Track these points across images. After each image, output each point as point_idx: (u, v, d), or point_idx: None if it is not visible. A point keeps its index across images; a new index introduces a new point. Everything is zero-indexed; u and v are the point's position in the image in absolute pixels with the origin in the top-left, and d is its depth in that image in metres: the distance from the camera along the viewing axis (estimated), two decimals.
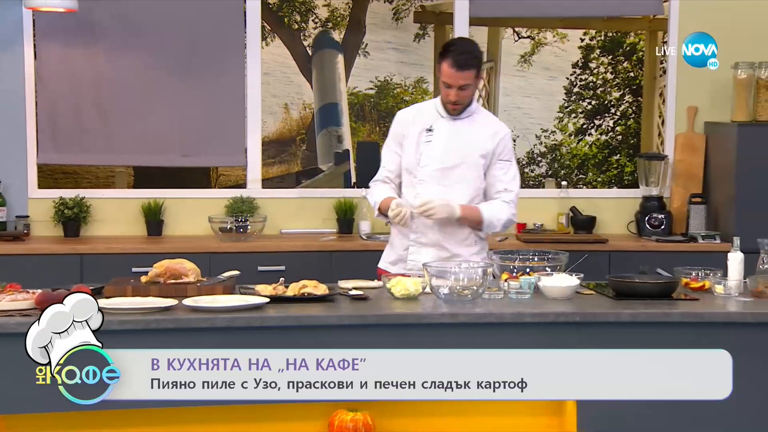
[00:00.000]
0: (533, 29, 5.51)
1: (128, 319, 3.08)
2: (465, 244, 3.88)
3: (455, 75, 3.71)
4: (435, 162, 3.82)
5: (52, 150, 5.30)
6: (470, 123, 3.86)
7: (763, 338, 3.26)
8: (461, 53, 3.72)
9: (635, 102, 5.58)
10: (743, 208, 5.05)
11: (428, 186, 3.82)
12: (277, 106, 5.44)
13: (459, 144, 3.83)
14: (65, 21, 5.20)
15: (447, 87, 3.76)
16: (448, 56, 3.72)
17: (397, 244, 3.93)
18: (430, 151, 3.82)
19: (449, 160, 3.82)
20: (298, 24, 5.44)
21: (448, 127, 3.84)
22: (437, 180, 3.82)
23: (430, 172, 3.83)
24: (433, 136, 3.83)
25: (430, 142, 3.82)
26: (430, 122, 3.85)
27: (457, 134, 3.83)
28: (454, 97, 3.76)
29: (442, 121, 3.85)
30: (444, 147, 3.82)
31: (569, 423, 3.30)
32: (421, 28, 5.47)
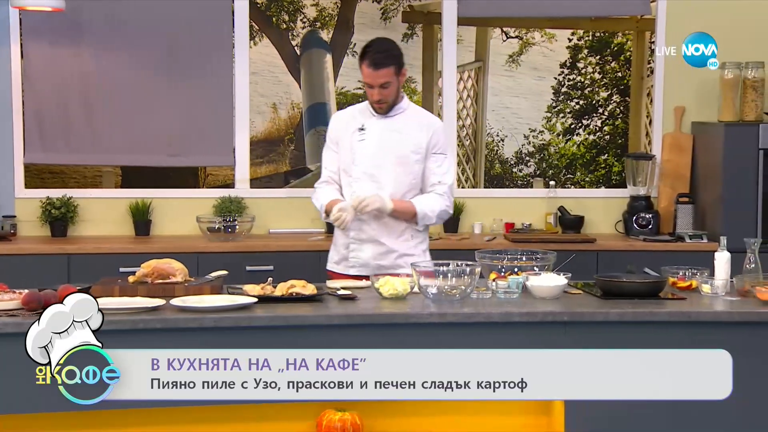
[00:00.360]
0: (521, 29, 5.52)
1: (116, 319, 3.07)
2: (402, 238, 3.92)
3: (373, 74, 3.79)
4: (367, 160, 3.88)
5: (39, 149, 5.28)
6: (401, 120, 3.91)
7: (749, 337, 3.27)
8: (377, 53, 3.80)
9: (623, 102, 5.59)
10: (730, 208, 5.07)
11: (362, 184, 3.88)
12: (265, 105, 5.43)
13: (391, 142, 3.89)
14: (52, 20, 5.18)
15: (369, 87, 3.83)
16: (366, 57, 3.81)
17: (340, 244, 3.99)
18: (362, 149, 3.89)
19: (381, 158, 3.88)
20: (287, 24, 5.43)
21: (380, 126, 3.90)
22: (371, 178, 3.88)
23: (364, 171, 3.89)
24: (365, 135, 3.90)
25: (363, 141, 3.89)
26: (362, 122, 3.92)
27: (388, 132, 3.89)
28: (377, 96, 3.83)
29: (374, 120, 3.91)
30: (376, 145, 3.88)
31: (557, 423, 3.31)
32: (409, 28, 5.48)
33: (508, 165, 5.59)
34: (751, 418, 3.27)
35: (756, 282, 3.47)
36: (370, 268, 3.88)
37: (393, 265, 3.89)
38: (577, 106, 5.59)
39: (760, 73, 5.26)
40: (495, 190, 5.56)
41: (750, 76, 5.26)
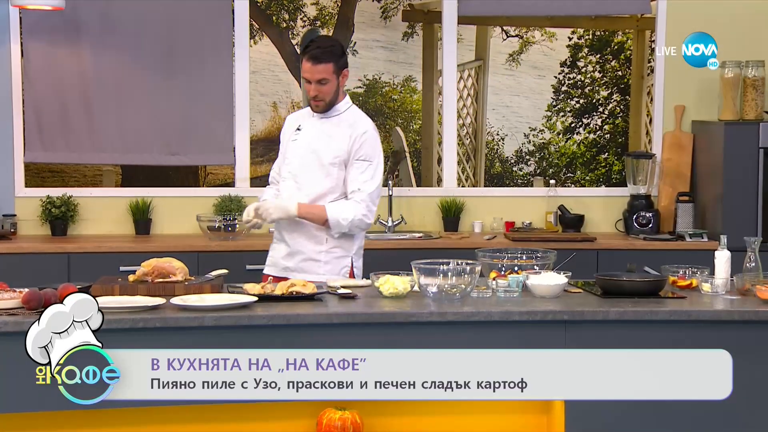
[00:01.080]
0: (521, 28, 5.52)
1: (116, 318, 3.07)
2: (314, 241, 3.85)
3: (312, 69, 3.75)
4: (295, 161, 3.88)
5: (39, 148, 5.28)
6: (336, 123, 3.86)
7: (750, 336, 3.27)
8: (317, 48, 3.78)
9: (623, 101, 5.59)
10: (730, 207, 5.07)
11: (286, 183, 3.90)
12: (265, 104, 5.43)
13: (319, 145, 3.85)
14: (52, 19, 5.18)
15: (307, 83, 3.80)
16: (306, 52, 3.78)
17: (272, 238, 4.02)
18: (293, 150, 3.90)
19: (307, 161, 3.85)
20: (287, 22, 5.43)
21: (314, 128, 3.88)
22: (294, 179, 3.87)
23: (290, 171, 3.89)
24: (299, 135, 3.90)
25: (296, 141, 3.90)
26: (301, 122, 3.93)
27: (321, 134, 3.86)
28: (313, 91, 3.79)
29: (311, 121, 3.89)
30: (305, 147, 3.86)
31: (557, 422, 3.31)
32: (409, 27, 5.47)
33: (509, 164, 5.59)
34: (751, 418, 3.27)
35: (756, 281, 3.47)
36: (277, 268, 3.89)
37: (297, 267, 3.84)
38: (577, 105, 5.59)
39: (760, 72, 5.26)
40: (495, 189, 5.56)
41: (750, 75, 5.26)
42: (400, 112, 5.55)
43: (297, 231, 3.86)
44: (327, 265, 3.86)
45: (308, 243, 3.85)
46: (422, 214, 5.47)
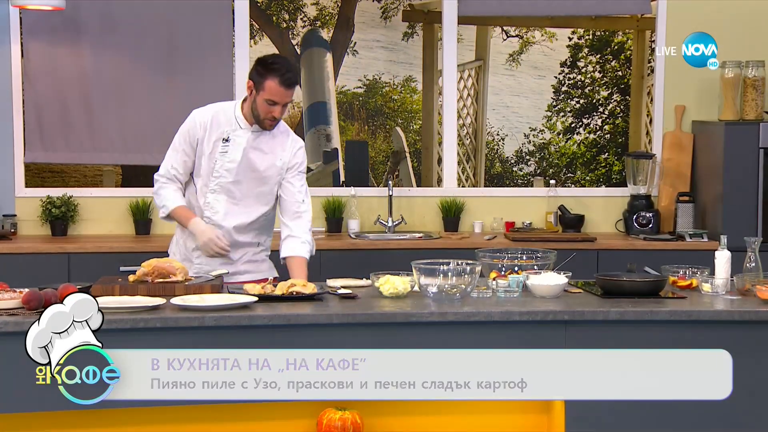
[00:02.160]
0: (521, 28, 5.52)
1: (116, 319, 3.07)
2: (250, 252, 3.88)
3: (284, 93, 3.64)
4: (229, 175, 3.76)
5: (39, 149, 5.28)
6: (268, 138, 3.78)
7: (750, 336, 3.27)
8: (288, 71, 3.65)
9: (623, 101, 5.59)
10: (730, 207, 5.07)
11: (218, 196, 3.78)
12: None
13: (256, 158, 3.76)
14: (52, 19, 5.18)
15: (272, 104, 3.66)
16: (275, 74, 3.62)
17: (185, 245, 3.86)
18: (225, 162, 3.76)
19: (244, 174, 3.77)
20: (287, 22, 5.43)
21: (246, 141, 3.75)
22: (228, 192, 3.78)
23: (223, 184, 3.77)
24: (229, 147, 3.75)
25: (226, 153, 3.76)
26: (227, 131, 3.76)
27: (255, 148, 3.75)
28: (279, 114, 3.69)
29: (241, 133, 3.75)
30: (240, 160, 3.75)
31: (557, 422, 3.31)
32: (409, 27, 5.48)
33: (509, 164, 5.60)
34: (751, 418, 3.27)
35: (756, 281, 3.47)
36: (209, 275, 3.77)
37: (237, 271, 3.82)
38: (577, 105, 5.59)
39: (760, 72, 5.26)
40: (495, 189, 5.56)
41: (750, 75, 5.26)
42: (400, 112, 5.55)
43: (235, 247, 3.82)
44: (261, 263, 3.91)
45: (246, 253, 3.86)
46: (422, 214, 5.47)
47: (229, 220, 3.79)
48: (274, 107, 3.68)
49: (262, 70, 3.67)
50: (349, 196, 5.32)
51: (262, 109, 3.69)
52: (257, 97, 3.69)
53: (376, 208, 5.38)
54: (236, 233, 3.82)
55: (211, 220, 3.79)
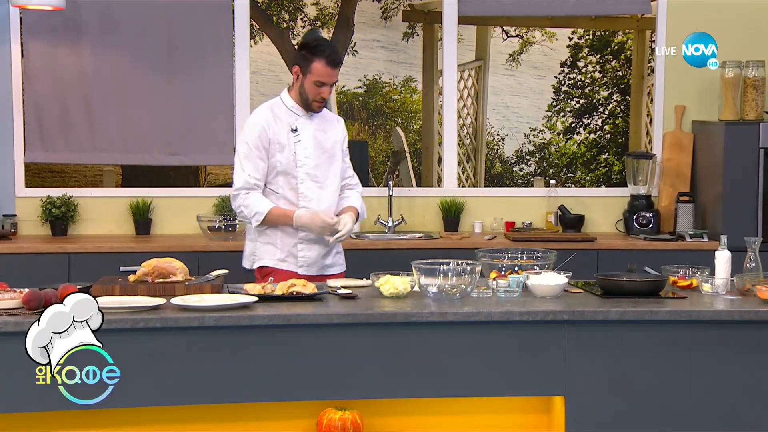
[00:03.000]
0: (522, 28, 5.52)
1: (116, 318, 3.07)
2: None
3: (331, 73, 3.78)
4: (310, 161, 3.88)
5: (39, 149, 5.28)
6: (320, 119, 3.93)
7: (750, 336, 3.27)
8: (333, 51, 3.80)
9: (623, 101, 5.59)
10: (730, 207, 5.07)
11: (308, 184, 3.88)
12: None
13: (323, 138, 3.92)
14: (52, 19, 5.18)
15: (320, 85, 3.79)
16: (321, 55, 3.76)
17: (282, 242, 3.90)
18: (302, 150, 3.88)
19: (319, 157, 3.90)
20: (287, 22, 5.43)
21: (309, 125, 3.90)
22: (314, 177, 3.89)
23: (308, 171, 3.88)
24: (300, 135, 3.88)
25: (300, 141, 3.87)
26: (292, 122, 3.89)
27: (317, 131, 3.92)
28: (327, 93, 3.83)
29: (303, 120, 3.89)
30: (312, 145, 3.89)
31: (557, 421, 3.31)
32: (409, 27, 5.48)
33: (509, 164, 5.60)
34: (753, 417, 3.27)
35: (756, 281, 3.47)
36: (316, 267, 3.91)
37: (333, 263, 3.96)
38: (577, 105, 5.59)
39: (760, 72, 5.26)
40: (495, 189, 5.56)
41: (750, 75, 5.26)
42: (400, 112, 5.55)
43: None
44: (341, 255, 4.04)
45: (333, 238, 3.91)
46: (422, 214, 5.47)
47: (322, 204, 3.90)
48: (323, 88, 3.81)
49: (307, 54, 3.80)
50: None
51: (311, 91, 3.82)
52: (305, 80, 3.82)
53: (377, 208, 5.38)
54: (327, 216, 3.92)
55: (308, 208, 3.88)
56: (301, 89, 3.84)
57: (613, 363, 3.24)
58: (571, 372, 3.22)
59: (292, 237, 3.90)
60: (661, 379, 3.24)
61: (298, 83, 3.84)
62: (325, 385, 3.16)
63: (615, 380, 3.24)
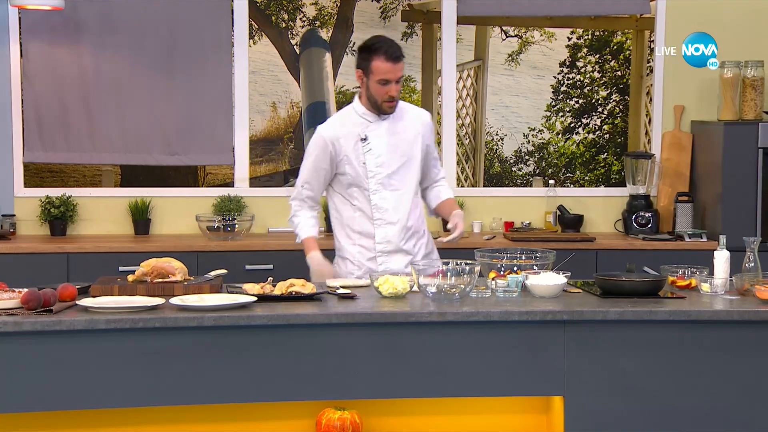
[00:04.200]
0: (521, 28, 5.52)
1: (115, 318, 3.07)
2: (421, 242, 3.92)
3: (393, 68, 3.69)
4: (382, 169, 3.80)
5: (38, 148, 5.28)
6: (395, 120, 3.83)
7: (749, 336, 3.28)
8: (390, 46, 3.70)
9: (622, 101, 5.59)
10: (729, 207, 5.07)
11: (382, 194, 3.82)
12: (264, 104, 5.43)
13: (396, 143, 3.82)
14: (52, 19, 5.18)
15: (385, 83, 3.70)
16: (380, 52, 3.68)
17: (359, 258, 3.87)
18: (374, 159, 3.80)
19: (393, 164, 3.81)
20: (286, 22, 5.43)
21: (381, 131, 3.81)
22: (389, 186, 3.82)
23: (381, 180, 3.81)
24: (370, 144, 3.79)
25: (371, 151, 3.79)
26: (360, 131, 3.81)
27: (390, 136, 3.81)
28: (395, 92, 3.72)
29: (373, 126, 3.80)
30: (384, 152, 3.80)
31: (556, 421, 3.31)
32: (408, 27, 5.48)
33: (508, 164, 5.59)
34: (752, 417, 3.27)
35: (755, 281, 3.47)
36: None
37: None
38: (576, 105, 5.59)
39: (759, 72, 5.26)
40: (494, 189, 5.56)
41: (749, 75, 5.26)
42: None
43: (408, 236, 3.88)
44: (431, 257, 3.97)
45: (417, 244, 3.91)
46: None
47: (401, 211, 3.83)
48: (389, 86, 3.71)
49: (365, 54, 3.72)
50: None
51: (378, 91, 3.73)
52: (369, 82, 3.73)
53: None
54: (409, 221, 3.86)
55: (383, 219, 3.83)
56: (368, 93, 3.75)
57: (612, 363, 3.24)
58: (570, 372, 3.22)
59: (371, 251, 3.84)
60: (660, 379, 3.25)
61: (365, 87, 3.75)
62: (324, 385, 3.16)
63: (614, 380, 3.24)
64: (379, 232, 3.84)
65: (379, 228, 3.84)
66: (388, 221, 3.83)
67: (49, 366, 3.05)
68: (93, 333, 3.06)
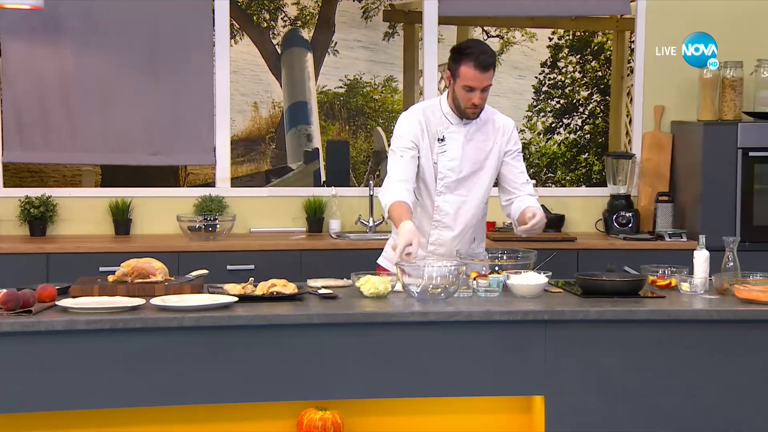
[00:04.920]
0: (502, 28, 5.53)
1: (95, 319, 3.05)
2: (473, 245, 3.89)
3: (480, 77, 3.61)
4: (452, 174, 3.75)
5: (17, 148, 5.24)
6: (479, 126, 3.77)
7: (728, 335, 3.30)
8: (482, 53, 3.61)
9: (603, 101, 5.62)
10: (709, 207, 5.10)
11: (447, 197, 3.78)
12: (246, 104, 5.42)
13: (473, 151, 3.76)
14: (31, 18, 5.15)
15: (469, 90, 3.63)
16: (469, 58, 3.60)
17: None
18: (446, 162, 3.74)
19: (465, 170, 3.76)
20: (267, 22, 5.42)
21: (460, 135, 3.75)
22: (455, 191, 3.78)
23: (449, 184, 3.77)
24: (446, 146, 3.73)
25: (445, 153, 3.74)
26: (440, 131, 3.76)
27: (469, 141, 3.75)
28: (478, 100, 3.64)
29: (453, 129, 3.74)
30: (459, 157, 3.74)
31: (537, 420, 3.32)
32: (390, 27, 5.48)
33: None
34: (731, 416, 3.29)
35: (734, 280, 3.49)
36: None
37: None
38: (557, 105, 5.61)
39: (738, 73, 5.30)
40: None
41: (729, 76, 5.29)
42: (381, 112, 5.55)
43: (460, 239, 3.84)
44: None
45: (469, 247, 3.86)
46: None
47: (461, 218, 3.79)
48: (473, 93, 3.64)
49: (456, 57, 3.66)
50: (330, 196, 5.32)
51: (462, 97, 3.66)
52: (455, 85, 3.67)
53: (357, 208, 5.38)
54: (467, 230, 3.82)
55: (442, 222, 3.79)
56: (453, 95, 3.69)
57: (593, 362, 3.25)
58: (551, 371, 3.24)
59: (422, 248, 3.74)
60: (640, 378, 3.26)
61: (451, 89, 3.70)
62: (305, 385, 3.16)
63: (594, 379, 3.25)
64: (435, 234, 3.82)
65: (435, 230, 3.82)
66: (447, 225, 3.81)
67: (28, 367, 3.03)
68: (73, 334, 3.04)
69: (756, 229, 5.07)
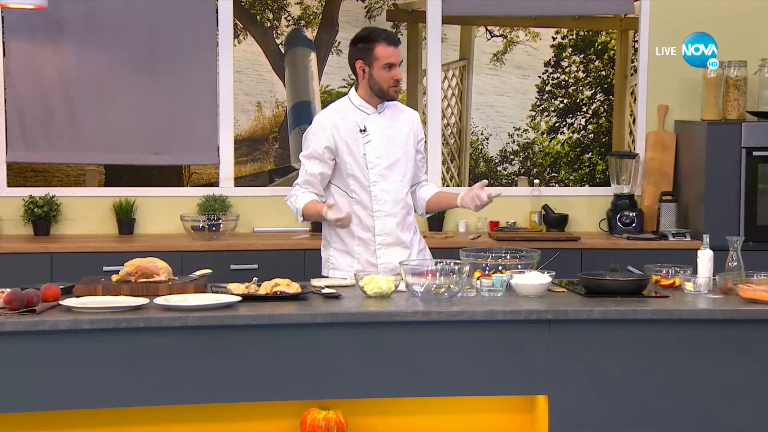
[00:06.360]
0: (506, 28, 5.53)
1: (99, 318, 3.06)
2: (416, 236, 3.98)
3: (396, 51, 3.77)
4: (382, 160, 3.84)
5: (21, 148, 5.25)
6: (393, 111, 3.91)
7: (732, 335, 3.29)
8: (386, 31, 3.82)
9: (607, 100, 5.61)
10: (713, 206, 5.10)
11: (382, 185, 3.85)
12: (249, 104, 5.42)
13: (396, 134, 3.88)
14: (34, 18, 5.15)
15: (389, 68, 3.76)
16: (380, 38, 3.76)
17: (359, 251, 3.88)
18: (372, 151, 3.83)
19: (391, 156, 3.86)
20: (271, 22, 5.42)
21: (378, 122, 3.86)
22: (388, 177, 3.86)
23: (380, 172, 3.85)
24: (369, 135, 3.84)
25: (370, 143, 3.83)
26: (359, 122, 3.85)
27: (387, 129, 3.87)
28: (399, 75, 3.79)
29: (371, 118, 3.85)
30: (382, 144, 3.85)
31: (541, 420, 3.32)
32: (393, 27, 5.47)
33: (493, 163, 5.60)
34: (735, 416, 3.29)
35: (738, 280, 3.49)
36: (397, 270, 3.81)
37: None
38: (561, 105, 5.60)
39: (742, 72, 5.29)
40: None
41: (732, 75, 5.28)
42: None
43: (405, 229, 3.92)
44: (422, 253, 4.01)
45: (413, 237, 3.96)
46: None
47: (399, 204, 3.87)
48: (393, 70, 3.77)
49: (364, 44, 3.79)
50: None
51: (383, 77, 3.77)
52: (372, 70, 3.78)
53: None
54: (406, 214, 3.90)
55: (382, 211, 3.85)
56: (371, 82, 3.79)
57: (596, 362, 3.25)
58: (555, 371, 3.23)
59: (370, 244, 3.86)
60: (643, 378, 3.26)
61: (366, 78, 3.80)
62: (308, 384, 3.16)
63: (598, 379, 3.25)
64: (379, 224, 3.86)
65: (378, 220, 3.86)
66: (388, 213, 3.86)
67: (32, 367, 3.03)
68: (76, 333, 3.04)
69: (760, 229, 5.06)
